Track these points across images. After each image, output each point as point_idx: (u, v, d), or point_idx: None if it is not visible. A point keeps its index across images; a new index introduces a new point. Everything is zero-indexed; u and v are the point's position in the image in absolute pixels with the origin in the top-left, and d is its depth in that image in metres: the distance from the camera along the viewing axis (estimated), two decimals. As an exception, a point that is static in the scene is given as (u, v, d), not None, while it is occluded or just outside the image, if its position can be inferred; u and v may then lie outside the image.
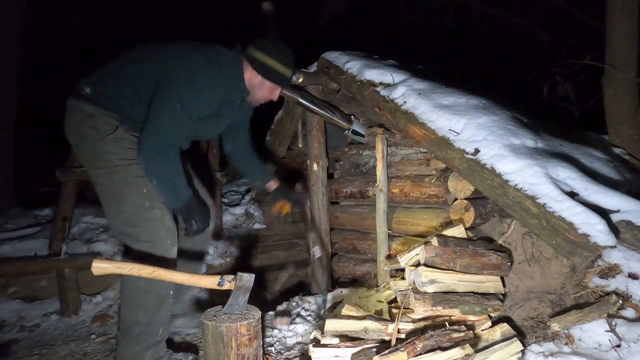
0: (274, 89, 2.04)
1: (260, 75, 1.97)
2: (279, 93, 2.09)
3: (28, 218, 3.88)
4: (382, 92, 2.58)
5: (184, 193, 1.83)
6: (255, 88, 2.01)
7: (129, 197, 1.82)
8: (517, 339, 1.67)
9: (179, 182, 1.81)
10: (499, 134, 2.16)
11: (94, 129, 1.80)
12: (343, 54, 3.01)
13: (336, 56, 3.01)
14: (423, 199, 2.61)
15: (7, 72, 4.61)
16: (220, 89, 1.89)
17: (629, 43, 2.90)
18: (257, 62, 1.94)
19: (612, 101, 2.98)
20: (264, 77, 1.97)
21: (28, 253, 3.19)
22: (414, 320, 1.77)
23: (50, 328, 2.80)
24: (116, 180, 1.82)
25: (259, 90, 2.02)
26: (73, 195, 3.44)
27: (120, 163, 1.81)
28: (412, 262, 1.95)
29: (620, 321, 1.69)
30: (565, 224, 1.76)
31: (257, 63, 1.95)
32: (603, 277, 1.88)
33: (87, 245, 3.32)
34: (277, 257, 3.94)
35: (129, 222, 1.84)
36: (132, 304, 1.86)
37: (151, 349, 1.92)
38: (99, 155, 1.83)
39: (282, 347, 2.25)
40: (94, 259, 1.61)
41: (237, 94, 2.03)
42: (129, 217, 1.83)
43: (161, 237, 1.86)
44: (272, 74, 1.96)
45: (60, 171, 3.35)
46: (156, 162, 1.75)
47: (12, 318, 2.80)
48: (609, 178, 2.32)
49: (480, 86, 3.14)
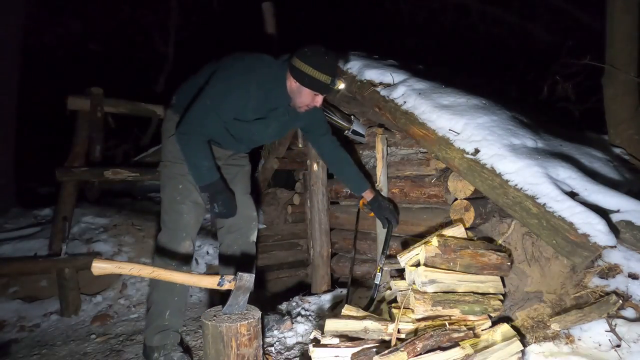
0: (314, 96, 2.06)
1: (298, 82, 2.02)
2: (322, 99, 2.12)
3: (28, 218, 3.88)
4: (382, 92, 2.58)
5: (205, 175, 2.04)
6: (295, 94, 2.07)
7: (167, 188, 2.19)
8: (517, 339, 1.67)
9: (200, 164, 2.03)
10: (499, 134, 2.16)
11: (166, 130, 2.24)
12: (343, 54, 3.01)
13: (336, 56, 3.01)
14: (423, 199, 2.61)
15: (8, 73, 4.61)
16: (255, 93, 2.01)
17: (629, 43, 2.90)
18: (295, 70, 2.00)
19: (612, 101, 2.98)
20: (301, 84, 2.01)
21: (28, 253, 3.19)
22: (414, 320, 1.76)
23: (50, 328, 2.80)
24: (165, 173, 2.21)
25: (299, 97, 2.06)
26: (73, 195, 3.44)
27: (170, 159, 2.19)
28: (412, 262, 1.95)
29: (620, 321, 1.69)
30: (565, 224, 1.76)
31: (295, 71, 2.00)
32: (603, 277, 1.88)
33: (87, 245, 3.32)
34: (277, 257, 3.94)
35: (164, 209, 2.20)
36: (152, 285, 2.18)
37: (159, 333, 2.09)
38: (163, 151, 2.25)
39: (282, 347, 2.25)
40: (94, 259, 1.61)
41: (282, 100, 2.11)
42: (165, 205, 2.20)
43: (179, 228, 2.16)
44: (308, 81, 1.99)
45: (60, 171, 3.35)
46: (183, 144, 2.03)
47: (12, 318, 2.80)
48: (609, 178, 2.32)
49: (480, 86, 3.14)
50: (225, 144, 2.24)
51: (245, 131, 2.15)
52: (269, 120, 2.15)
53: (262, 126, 2.15)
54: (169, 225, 2.17)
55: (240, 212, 2.29)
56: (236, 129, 2.12)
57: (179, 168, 2.15)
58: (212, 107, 1.98)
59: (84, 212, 3.63)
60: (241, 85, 1.98)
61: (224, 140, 2.20)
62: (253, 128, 2.14)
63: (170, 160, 2.19)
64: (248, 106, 2.03)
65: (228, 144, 2.25)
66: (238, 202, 2.22)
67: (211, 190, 2.06)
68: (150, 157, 4.71)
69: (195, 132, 2.00)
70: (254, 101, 2.03)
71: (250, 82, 1.99)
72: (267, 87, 2.04)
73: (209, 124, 2.00)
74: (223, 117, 2.02)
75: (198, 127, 1.99)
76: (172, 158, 2.18)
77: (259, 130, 2.17)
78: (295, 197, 3.95)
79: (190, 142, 2.01)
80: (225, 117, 2.03)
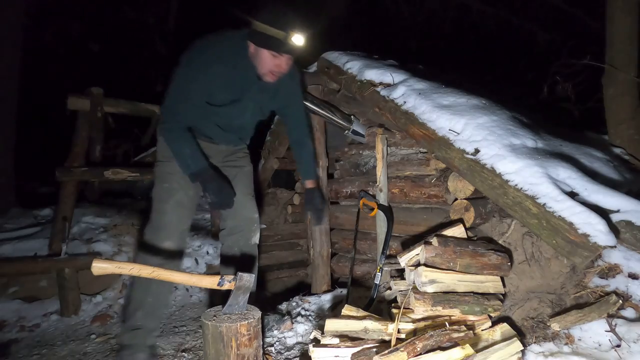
0: (273, 58, 1.90)
1: (254, 44, 1.89)
2: (285, 61, 1.94)
3: (28, 218, 3.88)
4: (382, 92, 2.58)
5: (190, 163, 1.99)
6: (255, 60, 1.94)
7: (155, 187, 2.18)
8: (517, 339, 1.67)
9: (182, 152, 1.99)
10: (499, 134, 2.16)
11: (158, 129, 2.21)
12: (343, 54, 3.01)
13: (336, 56, 3.01)
14: (423, 199, 2.61)
15: (8, 73, 4.60)
16: (218, 69, 1.91)
17: (629, 43, 2.90)
18: (251, 33, 1.88)
19: (612, 101, 2.98)
20: (257, 45, 1.88)
21: (28, 253, 3.18)
22: (414, 320, 1.76)
23: (50, 328, 2.80)
24: (155, 171, 2.20)
25: (259, 62, 1.93)
26: (73, 195, 3.44)
27: (160, 158, 2.19)
28: (412, 262, 1.95)
29: (620, 321, 1.69)
30: (565, 224, 1.76)
31: (251, 33, 1.88)
32: (603, 277, 1.88)
33: (87, 245, 3.32)
34: (277, 257, 3.94)
35: (152, 206, 2.17)
36: (130, 282, 2.17)
37: (130, 332, 2.06)
38: (157, 150, 2.25)
39: (282, 347, 2.25)
40: (94, 259, 1.60)
41: (250, 72, 1.99)
42: (153, 202, 2.17)
43: (160, 226, 2.11)
44: (261, 39, 1.85)
45: (60, 171, 3.35)
46: (165, 136, 2.05)
47: (12, 318, 2.80)
48: (609, 178, 2.32)
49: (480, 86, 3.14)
50: (215, 136, 2.20)
51: (224, 116, 2.09)
52: (245, 101, 2.07)
53: (239, 109, 2.09)
54: (153, 223, 2.14)
55: (241, 213, 2.28)
56: (215, 115, 2.07)
57: (167, 166, 2.13)
58: (180, 93, 1.94)
59: (84, 212, 3.63)
60: (201, 65, 1.90)
61: (210, 131, 2.16)
62: (231, 112, 2.08)
63: (160, 159, 2.18)
64: (215, 85, 1.95)
65: (217, 135, 2.20)
66: (238, 203, 2.17)
67: (200, 179, 1.99)
68: (150, 157, 4.71)
69: (170, 121, 1.97)
70: (220, 79, 1.94)
71: (210, 59, 1.90)
72: (230, 62, 1.93)
73: (182, 110, 1.96)
74: (193, 101, 1.96)
75: (172, 116, 1.97)
76: (162, 157, 2.17)
77: (237, 114, 2.11)
78: (295, 197, 3.95)
79: (170, 132, 1.99)
80: (196, 102, 1.96)
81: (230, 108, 2.06)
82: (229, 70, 1.94)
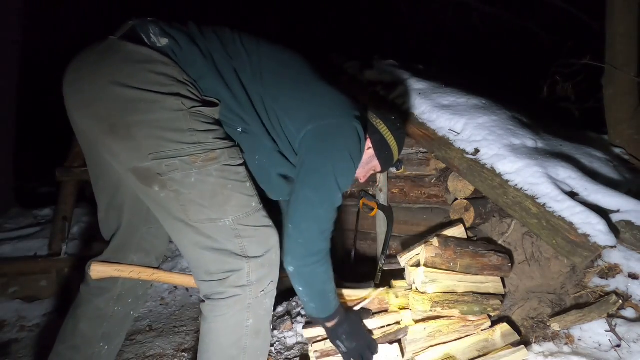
0: (372, 171, 1.76)
1: (376, 152, 1.65)
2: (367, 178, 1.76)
3: (28, 218, 3.89)
4: (382, 92, 2.58)
5: (332, 300, 1.53)
6: (362, 162, 1.62)
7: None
8: (524, 347, 1.67)
9: (329, 288, 1.52)
10: (499, 134, 2.16)
11: None
12: (343, 54, 3.01)
13: (336, 56, 3.01)
14: (423, 199, 2.61)
15: (7, 72, 4.60)
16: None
17: (629, 43, 2.90)
18: (378, 136, 1.62)
19: (612, 101, 2.98)
20: (377, 156, 1.66)
21: (28, 253, 3.19)
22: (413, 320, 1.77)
23: (50, 328, 2.79)
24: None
25: (364, 166, 1.68)
26: (73, 195, 3.44)
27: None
28: (412, 262, 1.94)
29: (620, 321, 1.69)
30: (565, 224, 1.76)
31: (377, 136, 1.62)
32: (603, 277, 1.88)
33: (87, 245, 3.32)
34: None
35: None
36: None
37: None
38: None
39: (282, 347, 2.25)
40: (93, 262, 1.59)
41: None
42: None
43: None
44: (385, 155, 1.65)
45: (60, 171, 3.35)
46: (313, 269, 1.44)
47: (12, 318, 2.80)
48: (609, 178, 2.32)
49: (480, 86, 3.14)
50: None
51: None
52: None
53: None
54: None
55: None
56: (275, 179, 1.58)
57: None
58: (336, 198, 1.49)
59: (84, 212, 3.63)
60: (360, 153, 1.50)
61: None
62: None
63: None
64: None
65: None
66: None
67: (336, 324, 1.53)
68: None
69: (322, 245, 1.49)
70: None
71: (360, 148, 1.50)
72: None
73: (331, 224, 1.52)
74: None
75: (323, 238, 1.49)
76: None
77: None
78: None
79: (323, 264, 1.47)
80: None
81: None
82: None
